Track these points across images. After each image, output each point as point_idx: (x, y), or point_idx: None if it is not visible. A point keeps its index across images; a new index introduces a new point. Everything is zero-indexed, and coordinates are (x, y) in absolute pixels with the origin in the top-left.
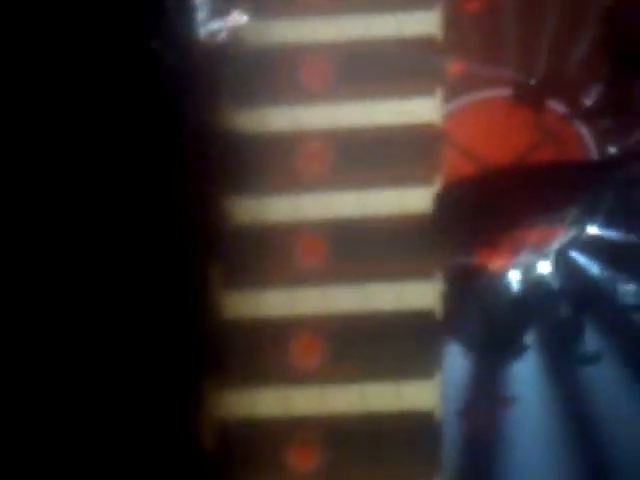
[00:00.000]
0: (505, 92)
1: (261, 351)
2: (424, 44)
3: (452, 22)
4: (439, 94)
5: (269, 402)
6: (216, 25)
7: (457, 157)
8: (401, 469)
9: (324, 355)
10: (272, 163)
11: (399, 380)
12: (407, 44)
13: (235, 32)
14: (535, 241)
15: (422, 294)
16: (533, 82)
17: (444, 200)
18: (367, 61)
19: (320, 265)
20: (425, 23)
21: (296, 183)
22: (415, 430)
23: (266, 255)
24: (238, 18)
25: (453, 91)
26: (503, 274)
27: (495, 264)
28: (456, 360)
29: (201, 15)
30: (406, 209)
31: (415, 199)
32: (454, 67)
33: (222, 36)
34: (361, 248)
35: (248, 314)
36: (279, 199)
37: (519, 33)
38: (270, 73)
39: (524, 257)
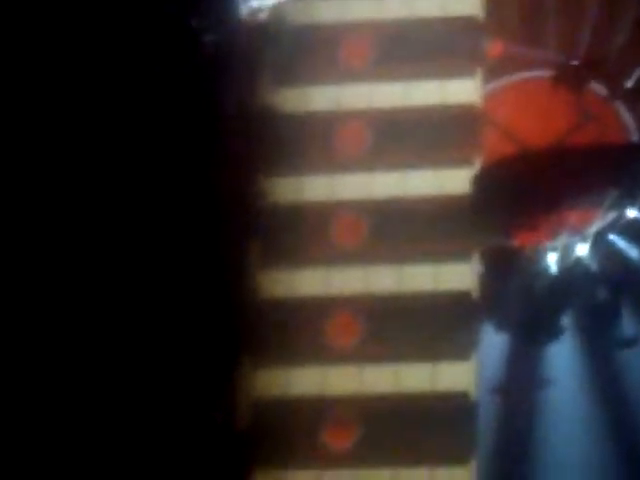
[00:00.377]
0: (546, 73)
1: (297, 330)
2: (465, 24)
3: (493, 2)
4: (479, 74)
5: (304, 381)
6: (257, 3)
7: (497, 138)
8: (436, 449)
9: (360, 335)
10: (311, 142)
11: (435, 360)
12: (449, 24)
13: (276, 10)
14: (574, 223)
15: (460, 275)
16: (574, 63)
17: (483, 181)
18: (408, 41)
19: (358, 245)
20: (467, 3)
21: (335, 163)
22: (450, 411)
23: (304, 234)
24: None
25: (494, 72)
26: (541, 256)
27: (533, 246)
28: (493, 341)
29: None
30: (445, 190)
31: (454, 180)
32: (495, 48)
33: (263, 14)
34: (399, 228)
35: (285, 293)
36: (318, 179)
37: (561, 14)
38: (311, 52)
39: (562, 239)
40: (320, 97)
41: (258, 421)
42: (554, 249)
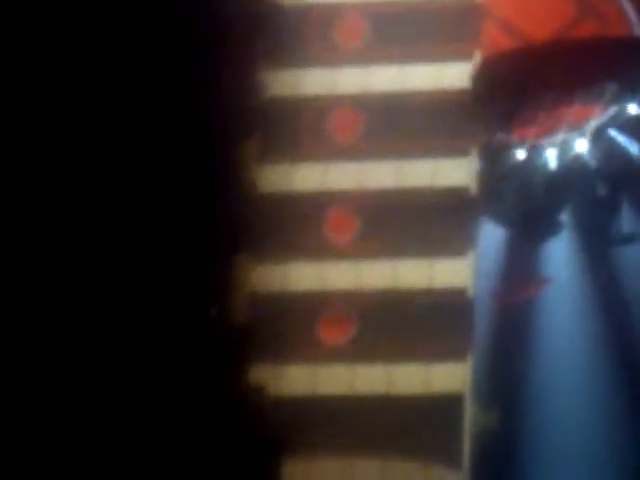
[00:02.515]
0: None
1: (294, 225)
2: None
3: None
4: None
5: (301, 276)
6: None
7: (496, 31)
8: (432, 345)
9: (357, 231)
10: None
11: (432, 256)
12: None
13: None
14: (573, 118)
15: (457, 170)
16: None
17: (482, 75)
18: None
19: (355, 140)
20: None
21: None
22: (447, 307)
23: (301, 130)
24: None
25: None
26: (540, 151)
27: (532, 141)
28: (490, 238)
29: None
30: (443, 84)
31: (452, 74)
32: None
33: None
34: (397, 124)
35: (282, 188)
36: (315, 71)
37: None
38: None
39: (561, 134)
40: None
41: (254, 316)
42: (553, 145)
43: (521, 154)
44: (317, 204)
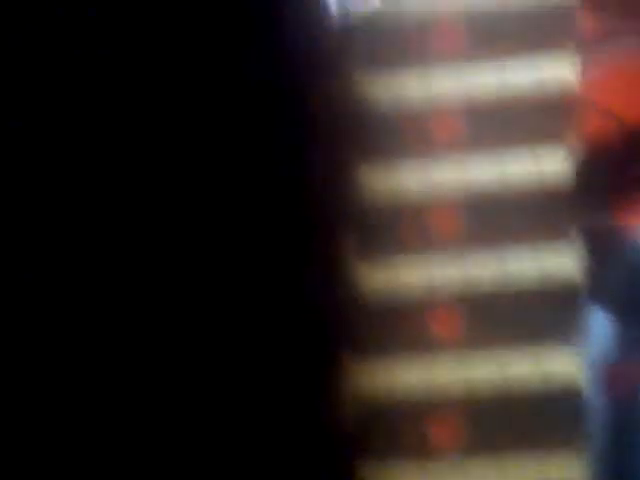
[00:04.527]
0: None
1: (398, 322)
2: (559, 2)
3: None
4: (576, 52)
5: (407, 373)
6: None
7: (595, 116)
8: (543, 439)
9: (462, 324)
10: (405, 131)
11: (540, 348)
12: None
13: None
14: None
15: (562, 259)
16: None
17: (584, 161)
18: (501, 24)
19: (456, 234)
20: None
21: (430, 152)
22: (557, 399)
23: (401, 226)
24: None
25: (591, 48)
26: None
27: (633, 223)
28: (599, 327)
29: None
30: (544, 172)
31: (554, 161)
32: (593, 23)
33: (358, 3)
34: (498, 215)
35: (385, 286)
36: (413, 168)
37: None
38: (404, 41)
39: None
40: (413, 86)
41: (361, 416)
42: None
43: (627, 239)
44: (420, 299)
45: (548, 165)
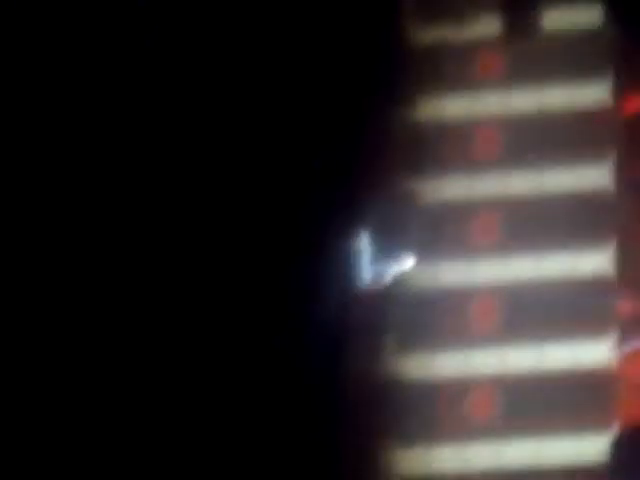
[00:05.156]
0: None
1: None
2: (597, 284)
3: (625, 258)
4: (613, 336)
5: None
6: (381, 269)
7: (634, 400)
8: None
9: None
10: (442, 408)
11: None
12: (580, 285)
13: (400, 275)
14: None
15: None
16: None
17: (622, 447)
18: (539, 302)
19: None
20: (598, 262)
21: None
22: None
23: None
24: (404, 261)
25: (628, 331)
26: None
27: None
28: None
29: (365, 258)
30: (582, 457)
31: (592, 446)
32: (628, 305)
33: (386, 280)
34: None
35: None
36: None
37: None
38: (438, 317)
39: None
40: (447, 362)
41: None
42: None
43: None
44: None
45: (590, 448)
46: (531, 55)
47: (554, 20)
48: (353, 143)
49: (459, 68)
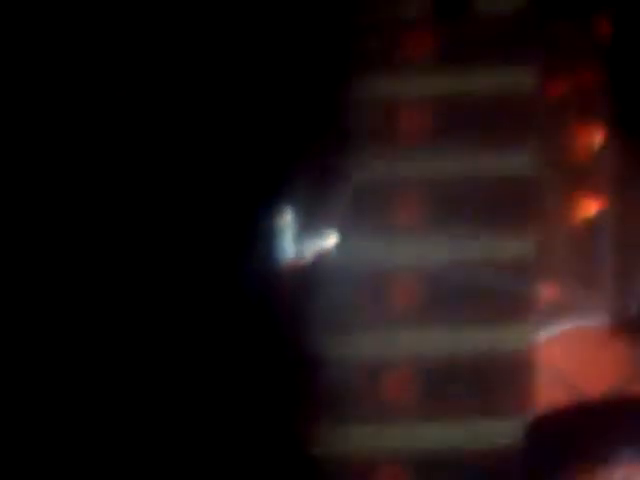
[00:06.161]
0: (601, 320)
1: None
2: (517, 268)
3: (546, 243)
4: (531, 321)
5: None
6: (303, 245)
7: (550, 385)
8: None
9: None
10: (359, 389)
11: None
12: (499, 269)
13: (323, 254)
14: (626, 477)
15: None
16: (632, 311)
17: (536, 431)
18: (458, 284)
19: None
20: (518, 246)
21: (382, 411)
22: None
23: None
24: (326, 238)
25: (546, 317)
26: None
27: None
28: None
29: (287, 234)
30: (495, 441)
31: (508, 431)
32: (547, 291)
33: (309, 258)
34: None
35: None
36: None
37: (619, 255)
38: (356, 296)
39: None
40: (367, 343)
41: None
42: None
43: None
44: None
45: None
46: (460, 36)
47: (484, 1)
48: (279, 118)
49: (388, 47)
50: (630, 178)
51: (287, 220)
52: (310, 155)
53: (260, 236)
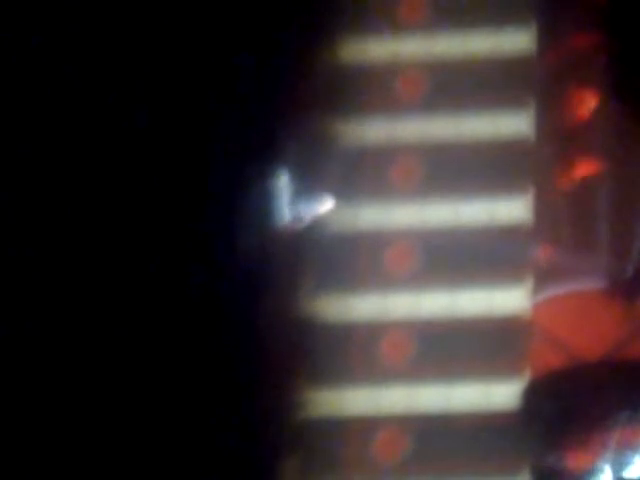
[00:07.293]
0: (597, 282)
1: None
2: (513, 231)
3: (543, 206)
4: (528, 284)
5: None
6: (299, 209)
7: (546, 349)
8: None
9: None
10: (357, 352)
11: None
12: (496, 232)
13: (319, 217)
14: (625, 441)
15: None
16: (628, 273)
17: (532, 394)
18: (455, 248)
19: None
20: (515, 209)
21: (378, 375)
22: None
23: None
24: (322, 202)
25: (542, 280)
26: (592, 475)
27: (583, 464)
28: None
29: (283, 198)
30: (492, 403)
31: (502, 393)
32: (543, 254)
33: (305, 221)
34: (443, 442)
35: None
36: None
37: (614, 220)
38: (354, 259)
39: (613, 457)
40: (365, 304)
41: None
42: (604, 469)
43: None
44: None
45: (498, 395)
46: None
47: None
48: (273, 82)
49: (382, 11)
50: (626, 141)
51: (283, 184)
52: (305, 119)
53: (256, 201)
